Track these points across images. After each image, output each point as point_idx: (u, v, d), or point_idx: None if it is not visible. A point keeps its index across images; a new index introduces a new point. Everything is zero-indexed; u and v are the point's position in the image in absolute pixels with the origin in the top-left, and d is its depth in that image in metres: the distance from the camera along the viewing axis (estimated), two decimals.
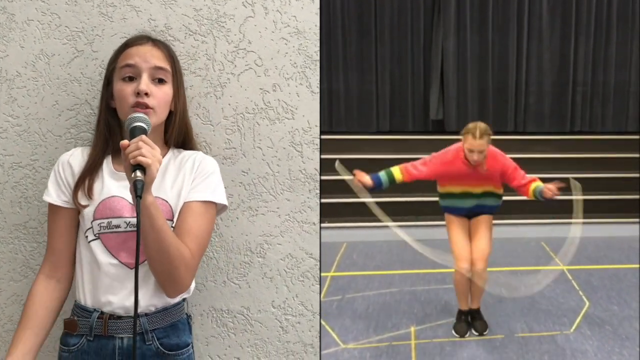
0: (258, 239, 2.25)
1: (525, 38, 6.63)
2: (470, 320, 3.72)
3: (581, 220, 3.44)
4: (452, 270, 3.71)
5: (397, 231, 3.84)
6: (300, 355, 2.29)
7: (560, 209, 6.04)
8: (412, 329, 3.74)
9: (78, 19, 2.21)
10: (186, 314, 2.04)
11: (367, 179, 3.43)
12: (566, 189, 4.08)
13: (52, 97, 2.22)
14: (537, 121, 6.68)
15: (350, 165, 6.12)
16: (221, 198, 1.97)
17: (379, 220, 5.88)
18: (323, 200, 2.28)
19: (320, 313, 2.29)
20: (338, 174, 5.90)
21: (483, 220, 3.52)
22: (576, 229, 3.55)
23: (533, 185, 3.44)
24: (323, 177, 2.28)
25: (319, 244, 2.27)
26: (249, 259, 2.26)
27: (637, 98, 6.67)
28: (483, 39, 6.64)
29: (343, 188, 5.95)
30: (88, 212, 1.92)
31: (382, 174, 3.53)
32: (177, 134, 2.03)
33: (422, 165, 3.57)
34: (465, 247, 3.51)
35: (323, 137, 2.29)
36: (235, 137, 2.23)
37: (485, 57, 6.58)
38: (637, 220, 5.76)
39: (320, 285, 2.28)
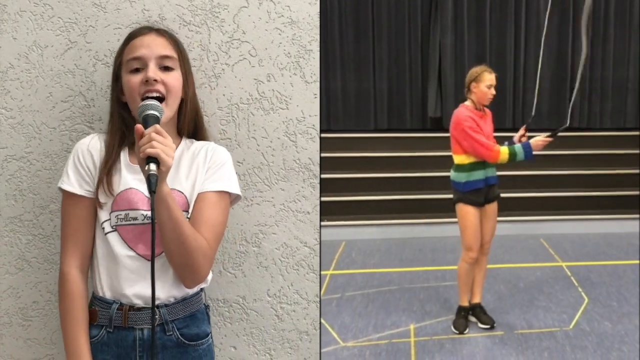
0: (253, 228, 2.25)
1: (523, 35, 6.65)
2: (474, 316, 3.72)
3: None
4: (453, 267, 3.72)
5: None
6: (296, 343, 2.29)
7: (558, 206, 6.07)
8: (412, 326, 3.74)
9: (71, 10, 2.20)
10: (204, 304, 2.03)
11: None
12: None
13: (46, 89, 2.21)
14: (535, 118, 6.67)
15: (348, 164, 6.15)
16: (235, 188, 1.98)
17: (378, 219, 5.92)
18: (322, 199, 2.28)
19: (320, 302, 2.29)
20: (336, 172, 5.93)
21: (495, 205, 3.61)
22: None
23: (507, 148, 3.52)
24: (322, 176, 2.28)
25: (319, 234, 2.27)
26: (244, 248, 2.26)
27: (635, 94, 6.68)
28: (481, 36, 6.65)
29: (342, 186, 5.99)
30: (106, 204, 1.92)
31: (517, 147, 3.58)
32: (190, 122, 2.02)
33: (476, 139, 3.53)
34: (478, 239, 3.55)
35: (321, 135, 2.29)
36: (229, 128, 2.23)
37: (483, 54, 6.59)
38: (636, 216, 5.76)
39: (320, 275, 2.28)
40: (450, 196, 3.62)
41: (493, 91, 3.56)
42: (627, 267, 4.81)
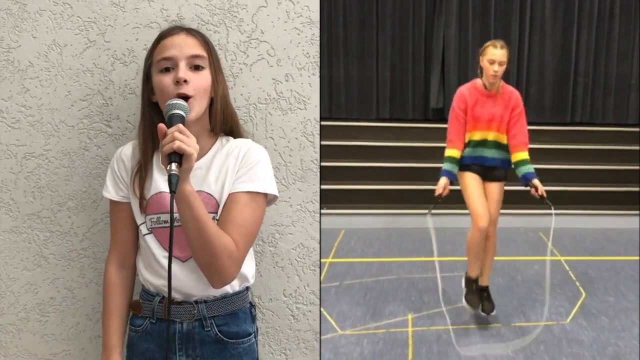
0: (270, 228, 2.26)
1: (527, 28, 6.62)
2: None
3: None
4: (452, 258, 3.73)
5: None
6: (312, 344, 2.31)
7: (558, 200, 6.10)
8: (410, 316, 3.76)
9: (90, 9, 2.20)
10: (250, 302, 2.05)
11: (445, 183, 3.36)
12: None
13: (65, 87, 2.22)
14: (537, 111, 6.68)
15: (349, 152, 6.15)
16: (268, 187, 1.95)
17: (378, 208, 5.94)
18: (322, 187, 2.29)
19: (320, 299, 2.30)
20: (337, 161, 5.94)
21: (495, 185, 3.51)
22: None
23: (520, 157, 3.43)
24: (322, 164, 2.28)
25: (319, 231, 2.28)
26: (260, 248, 2.27)
27: (638, 90, 6.66)
28: (485, 28, 6.63)
29: (343, 174, 6.00)
30: (141, 208, 1.97)
31: (447, 166, 3.42)
32: (222, 121, 1.99)
33: (451, 121, 3.51)
34: (484, 205, 3.42)
35: (323, 123, 2.29)
36: (247, 128, 2.22)
37: None
38: (635, 212, 5.79)
39: (320, 272, 2.30)
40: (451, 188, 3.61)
41: (495, 67, 3.36)
42: (625, 263, 4.84)
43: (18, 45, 2.20)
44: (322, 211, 2.29)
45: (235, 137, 2.04)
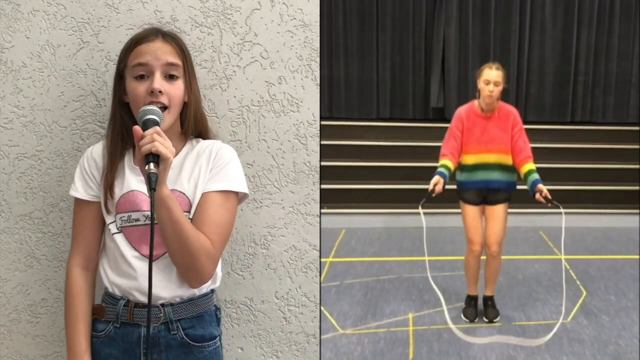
0: (262, 230, 2.26)
1: (528, 27, 6.63)
2: (482, 307, 3.75)
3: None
4: (452, 258, 3.74)
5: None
6: (303, 346, 2.31)
7: (558, 199, 6.08)
8: (410, 315, 3.77)
9: (84, 10, 2.20)
10: (215, 305, 2.04)
11: (438, 179, 3.40)
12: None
13: (58, 88, 2.21)
14: (537, 111, 6.68)
15: (349, 152, 6.15)
16: (239, 186, 1.97)
17: (378, 207, 5.94)
18: (322, 187, 2.28)
19: (320, 302, 2.30)
20: (337, 160, 5.95)
21: (499, 207, 3.57)
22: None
23: (527, 168, 3.48)
24: (322, 163, 2.28)
25: (319, 232, 2.28)
26: (252, 250, 2.27)
27: (638, 89, 6.67)
28: (485, 27, 6.63)
29: (343, 174, 6.00)
30: (110, 207, 1.95)
31: (441, 169, 3.49)
32: (193, 125, 2.01)
33: (446, 138, 3.59)
34: (479, 231, 3.57)
35: (323, 123, 2.29)
36: (240, 130, 2.23)
37: (486, 46, 6.58)
38: (636, 211, 5.79)
39: (320, 273, 2.30)
40: (450, 187, 3.64)
41: (491, 87, 3.42)
42: (626, 262, 4.85)
43: (11, 45, 2.20)
44: (323, 211, 2.29)
45: (204, 139, 2.06)
